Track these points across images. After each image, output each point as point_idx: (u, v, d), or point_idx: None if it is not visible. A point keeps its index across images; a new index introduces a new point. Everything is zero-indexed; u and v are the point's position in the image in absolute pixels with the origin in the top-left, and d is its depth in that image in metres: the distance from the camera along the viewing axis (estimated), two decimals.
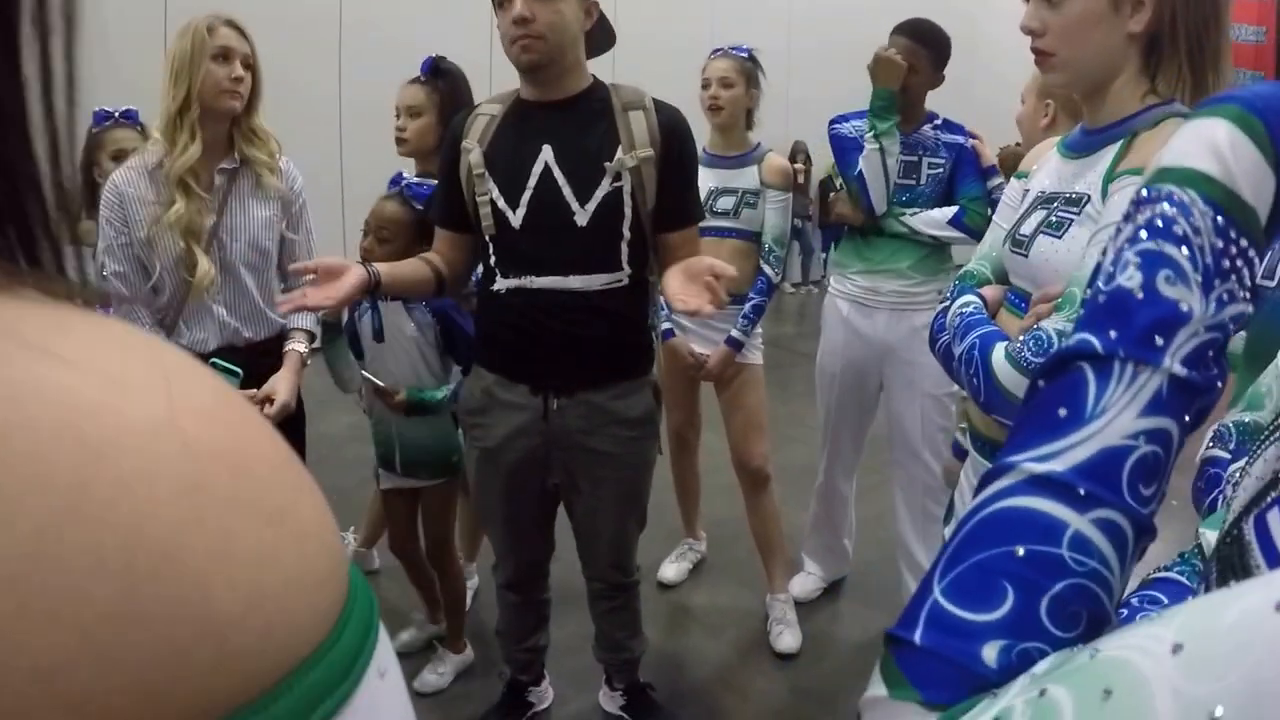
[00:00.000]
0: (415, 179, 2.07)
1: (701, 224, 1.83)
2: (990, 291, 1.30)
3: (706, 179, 2.38)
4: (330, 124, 5.86)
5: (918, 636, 0.42)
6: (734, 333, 2.46)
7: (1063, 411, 0.44)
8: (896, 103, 2.31)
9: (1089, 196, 1.16)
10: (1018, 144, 2.49)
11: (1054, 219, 1.20)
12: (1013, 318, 1.24)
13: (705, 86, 2.47)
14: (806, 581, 2.74)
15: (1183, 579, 0.66)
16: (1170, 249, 0.44)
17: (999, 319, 1.26)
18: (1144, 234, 0.45)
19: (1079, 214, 1.17)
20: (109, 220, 1.88)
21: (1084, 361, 0.45)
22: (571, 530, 1.90)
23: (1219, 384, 0.45)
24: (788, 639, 2.45)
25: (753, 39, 2.65)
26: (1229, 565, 0.44)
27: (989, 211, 2.35)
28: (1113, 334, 0.44)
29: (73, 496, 0.17)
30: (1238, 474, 0.74)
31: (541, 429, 1.71)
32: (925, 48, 2.34)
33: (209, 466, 0.19)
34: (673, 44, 5.14)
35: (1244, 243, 0.44)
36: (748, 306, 2.47)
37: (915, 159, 2.39)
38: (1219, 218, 0.44)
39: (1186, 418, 0.45)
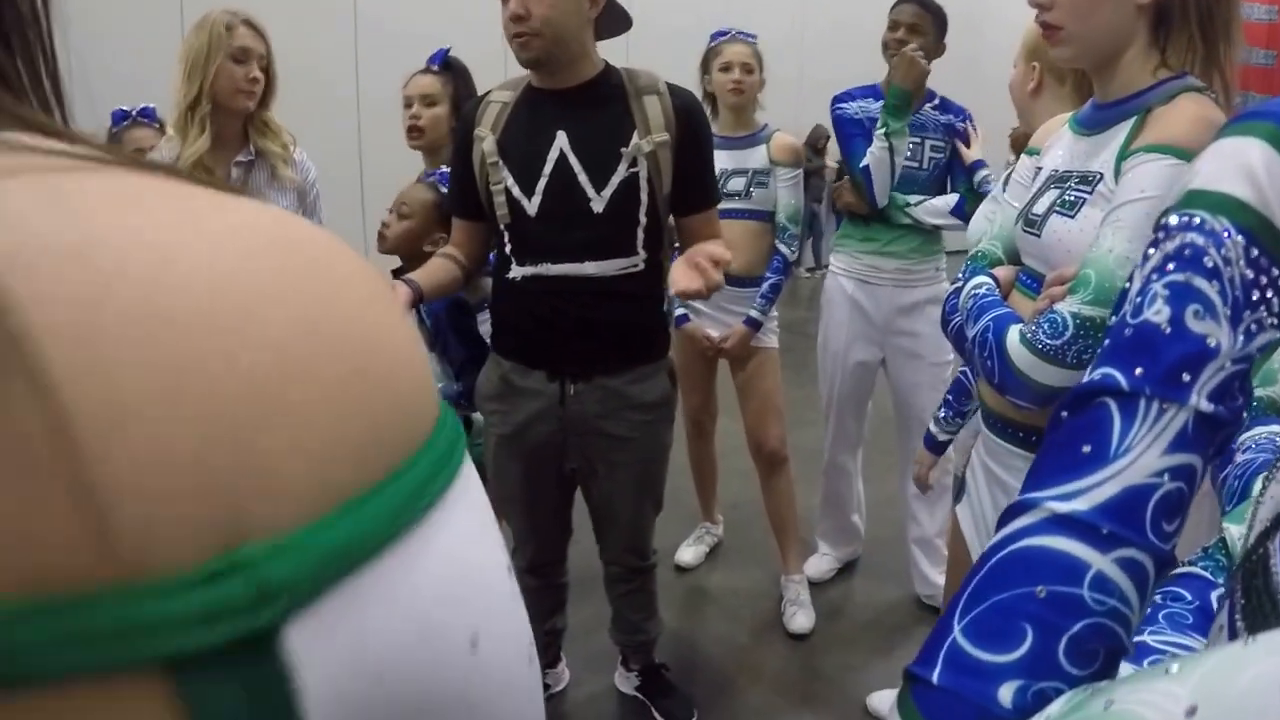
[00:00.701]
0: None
1: None
2: (1002, 272, 1.30)
3: (717, 161, 2.39)
4: (349, 116, 5.88)
5: (935, 676, 0.42)
6: (752, 312, 2.46)
7: (1086, 448, 0.44)
8: (912, 103, 2.32)
9: (1102, 175, 1.15)
10: None
11: (1067, 198, 1.19)
12: (1025, 299, 1.24)
13: (725, 70, 2.46)
14: (821, 562, 2.75)
15: (1206, 574, 0.64)
16: (1199, 282, 0.43)
17: (1011, 300, 1.25)
18: (1172, 265, 0.44)
19: (1092, 193, 1.15)
20: None
21: (1108, 397, 0.44)
22: (588, 514, 1.92)
23: (1243, 414, 0.44)
24: (800, 619, 2.47)
25: (765, 21, 2.65)
26: (1254, 590, 0.43)
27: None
28: (1139, 371, 0.43)
29: (323, 297, 0.23)
30: (1250, 444, 0.74)
31: (559, 414, 1.72)
32: (931, 14, 2.40)
33: (368, 281, 0.25)
34: (685, 27, 5.12)
35: (1275, 271, 0.43)
36: (765, 286, 2.47)
37: (918, 140, 2.39)
38: (1251, 247, 0.43)
39: (1211, 450, 0.44)
